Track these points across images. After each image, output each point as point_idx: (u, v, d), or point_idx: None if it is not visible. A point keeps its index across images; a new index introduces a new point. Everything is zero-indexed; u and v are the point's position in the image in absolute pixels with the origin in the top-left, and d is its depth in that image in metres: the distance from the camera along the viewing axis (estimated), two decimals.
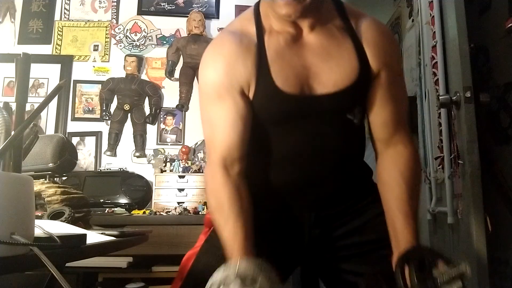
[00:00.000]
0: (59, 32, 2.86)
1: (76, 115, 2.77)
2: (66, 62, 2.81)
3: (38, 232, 0.61)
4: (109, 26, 2.89)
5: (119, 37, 2.89)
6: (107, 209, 2.26)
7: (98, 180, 2.44)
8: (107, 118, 2.74)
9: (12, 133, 0.62)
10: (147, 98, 2.78)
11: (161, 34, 2.91)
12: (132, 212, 2.26)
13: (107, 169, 2.56)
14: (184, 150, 2.64)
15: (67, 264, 0.96)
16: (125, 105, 2.70)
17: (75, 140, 2.71)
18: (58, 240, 0.58)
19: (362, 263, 0.96)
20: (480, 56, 1.78)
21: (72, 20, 2.90)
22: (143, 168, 2.67)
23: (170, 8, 2.93)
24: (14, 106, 0.67)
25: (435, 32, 1.80)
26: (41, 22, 2.87)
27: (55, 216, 1.02)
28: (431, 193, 1.93)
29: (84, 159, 2.71)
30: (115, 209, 2.28)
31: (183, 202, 2.43)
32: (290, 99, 0.88)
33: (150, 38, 2.90)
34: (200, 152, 2.69)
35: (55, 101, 2.72)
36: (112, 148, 2.71)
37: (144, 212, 2.25)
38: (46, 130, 2.70)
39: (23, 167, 0.67)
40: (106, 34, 2.88)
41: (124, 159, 2.72)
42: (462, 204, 1.60)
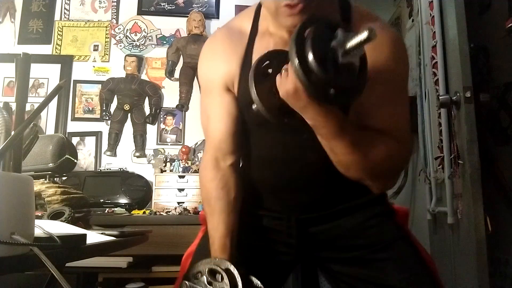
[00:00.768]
0: (59, 32, 2.86)
1: (76, 115, 2.77)
2: (66, 62, 2.81)
3: (38, 232, 0.61)
4: (109, 26, 2.89)
5: (119, 37, 2.89)
6: (107, 209, 2.26)
7: (98, 180, 2.44)
8: (107, 118, 2.74)
9: (12, 133, 0.62)
10: (147, 98, 2.77)
11: (161, 34, 2.91)
12: (132, 212, 2.25)
13: (107, 169, 2.55)
14: (184, 150, 2.64)
15: (67, 264, 0.95)
16: (125, 105, 2.70)
17: (75, 140, 2.71)
18: (58, 240, 0.58)
19: (355, 266, 0.95)
20: (480, 56, 1.78)
21: (72, 20, 2.89)
22: (143, 168, 2.67)
23: (170, 8, 2.93)
24: (14, 106, 0.67)
25: (435, 32, 1.80)
26: (41, 22, 2.86)
27: (55, 216, 1.02)
28: (431, 193, 1.93)
29: (84, 159, 2.71)
30: (115, 209, 2.27)
31: (183, 202, 2.43)
32: None
33: (150, 38, 2.90)
34: (200, 152, 2.69)
35: (55, 101, 2.71)
36: (112, 148, 2.71)
37: (144, 212, 2.25)
38: (46, 130, 2.69)
39: (23, 167, 0.67)
40: (106, 34, 2.88)
41: (124, 159, 2.72)
42: (462, 204, 1.60)
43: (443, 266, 1.74)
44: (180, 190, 2.46)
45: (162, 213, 2.27)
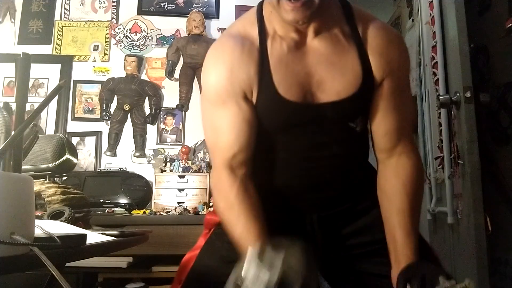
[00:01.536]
0: (59, 32, 2.86)
1: (76, 115, 2.77)
2: (66, 62, 2.81)
3: (38, 232, 0.61)
4: (109, 26, 2.89)
5: (119, 37, 2.88)
6: (107, 209, 2.26)
7: (98, 180, 2.44)
8: (107, 118, 2.74)
9: (12, 133, 0.62)
10: (147, 98, 2.77)
11: (161, 34, 2.91)
12: (132, 212, 2.25)
13: (107, 169, 2.55)
14: (184, 150, 2.64)
15: (67, 264, 0.95)
16: (125, 105, 2.70)
17: (75, 140, 2.71)
18: (58, 240, 0.58)
19: (374, 262, 0.95)
20: (480, 56, 1.78)
21: (72, 20, 2.89)
22: (143, 168, 2.67)
23: (170, 8, 2.93)
24: (14, 106, 0.67)
25: (435, 32, 1.80)
26: (41, 22, 2.86)
27: (55, 216, 1.01)
28: (431, 193, 1.93)
29: (84, 159, 2.71)
30: (115, 209, 2.28)
31: (183, 202, 2.43)
32: (292, 107, 0.87)
33: (150, 38, 2.90)
34: (200, 152, 2.69)
35: (55, 101, 2.71)
36: (112, 148, 2.71)
37: (144, 212, 2.25)
38: (46, 130, 2.69)
39: (23, 167, 0.67)
40: (106, 34, 2.88)
41: (124, 159, 2.72)
42: (462, 204, 1.60)
43: (443, 266, 1.74)
44: (180, 190, 2.46)
45: (162, 213, 2.27)
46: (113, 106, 2.75)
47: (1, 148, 0.59)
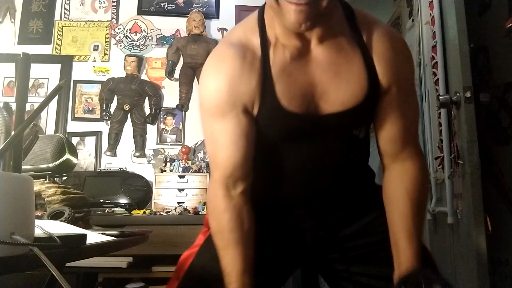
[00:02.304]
0: (59, 32, 2.86)
1: (76, 115, 2.77)
2: (66, 62, 2.81)
3: (38, 232, 0.61)
4: (109, 26, 2.89)
5: (119, 37, 2.89)
6: (107, 209, 2.26)
7: (98, 180, 2.44)
8: (107, 118, 2.74)
9: (12, 133, 0.62)
10: (147, 98, 2.78)
11: (161, 34, 2.91)
12: (132, 212, 2.25)
13: (107, 169, 2.55)
14: (184, 150, 2.64)
15: (67, 264, 0.95)
16: (125, 105, 2.70)
17: (75, 140, 2.71)
18: (58, 240, 0.58)
19: (371, 264, 0.96)
20: (480, 56, 1.78)
21: (72, 20, 2.90)
22: (143, 168, 2.67)
23: (170, 8, 2.93)
24: (14, 106, 0.67)
25: (435, 32, 1.80)
26: (41, 22, 2.86)
27: (55, 216, 1.01)
28: (431, 193, 1.93)
29: (84, 159, 2.71)
30: (115, 209, 2.28)
31: (183, 202, 2.43)
32: (295, 118, 0.84)
33: (150, 38, 2.90)
34: (200, 152, 2.69)
35: (55, 101, 2.71)
36: (112, 148, 2.71)
37: (144, 212, 2.25)
38: (46, 130, 2.70)
39: (23, 167, 0.67)
40: (106, 34, 2.88)
41: (124, 159, 2.72)
42: (462, 204, 1.60)
43: (443, 266, 1.74)
44: (180, 190, 2.47)
45: (162, 213, 2.27)
46: (113, 106, 2.75)
47: (1, 148, 0.59)
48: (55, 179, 1.46)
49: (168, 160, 2.59)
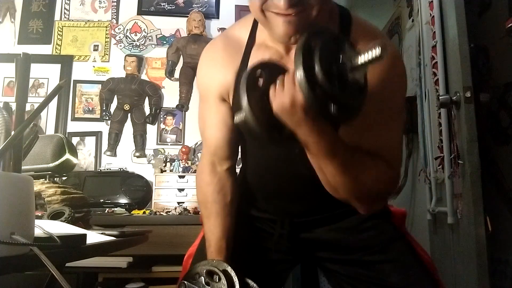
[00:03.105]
0: (59, 32, 2.86)
1: (76, 115, 2.77)
2: (66, 62, 2.81)
3: (38, 232, 0.61)
4: (109, 26, 2.89)
5: (119, 37, 2.89)
6: (107, 209, 2.26)
7: (98, 180, 2.44)
8: (107, 118, 2.74)
9: (12, 133, 0.62)
10: (147, 98, 2.78)
11: (161, 34, 2.91)
12: (132, 212, 2.25)
13: (107, 169, 2.55)
14: (184, 150, 2.64)
15: (67, 264, 0.95)
16: (125, 105, 2.70)
17: (75, 140, 2.71)
18: (58, 240, 0.58)
19: (354, 267, 0.96)
20: (480, 56, 1.78)
21: (72, 20, 2.90)
22: (143, 168, 2.67)
23: (170, 8, 2.93)
24: (14, 106, 0.67)
25: (435, 32, 1.80)
26: (41, 22, 2.86)
27: (55, 216, 1.01)
28: (431, 193, 1.93)
29: (84, 159, 2.71)
30: (115, 209, 2.27)
31: (183, 202, 2.43)
32: None
33: (150, 38, 2.90)
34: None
35: (55, 101, 2.71)
36: (112, 148, 2.71)
37: (144, 212, 2.25)
38: (46, 130, 2.70)
39: (23, 167, 0.67)
40: (106, 34, 2.88)
41: (124, 159, 2.72)
42: (462, 204, 1.60)
43: (443, 266, 1.74)
44: (180, 190, 2.47)
45: (162, 213, 2.27)
46: (113, 106, 2.75)
47: (1, 148, 0.59)
48: (55, 179, 1.46)
49: (168, 160, 2.59)
